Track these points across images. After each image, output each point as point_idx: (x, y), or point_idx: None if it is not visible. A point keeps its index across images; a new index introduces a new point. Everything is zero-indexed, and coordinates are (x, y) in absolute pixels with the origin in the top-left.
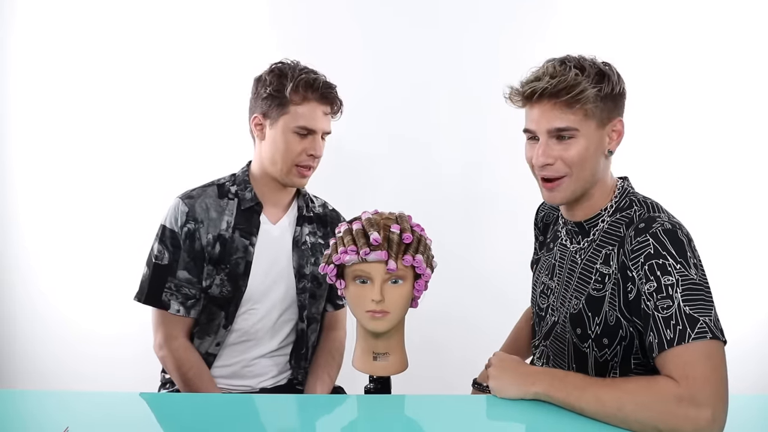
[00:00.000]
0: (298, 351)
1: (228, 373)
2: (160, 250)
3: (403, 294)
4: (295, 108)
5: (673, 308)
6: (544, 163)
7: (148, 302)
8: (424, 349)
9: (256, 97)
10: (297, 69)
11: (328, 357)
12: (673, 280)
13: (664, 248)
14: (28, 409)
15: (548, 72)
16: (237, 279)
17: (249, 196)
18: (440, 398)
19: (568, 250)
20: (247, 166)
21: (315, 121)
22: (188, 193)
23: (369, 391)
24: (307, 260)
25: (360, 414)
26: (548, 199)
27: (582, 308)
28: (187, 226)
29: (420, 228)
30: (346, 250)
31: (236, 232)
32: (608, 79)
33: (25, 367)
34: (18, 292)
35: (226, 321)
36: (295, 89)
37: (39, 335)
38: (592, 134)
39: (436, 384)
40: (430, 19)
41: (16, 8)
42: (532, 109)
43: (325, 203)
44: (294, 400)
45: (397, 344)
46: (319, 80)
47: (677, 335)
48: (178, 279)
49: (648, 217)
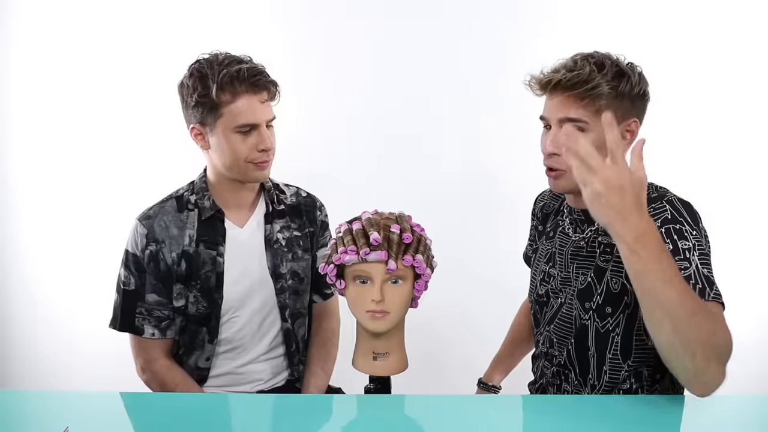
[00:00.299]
0: (289, 349)
1: (223, 382)
2: (126, 275)
3: (403, 294)
4: (228, 108)
5: (691, 269)
6: (551, 151)
7: (122, 329)
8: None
9: (185, 106)
10: (216, 64)
11: (321, 350)
12: (689, 245)
13: (680, 215)
14: (28, 409)
15: (567, 66)
16: (210, 293)
17: (208, 205)
18: (440, 398)
19: (570, 239)
20: (204, 173)
21: (254, 114)
22: (146, 213)
23: (369, 391)
24: (282, 258)
25: (360, 414)
26: (553, 187)
27: (590, 281)
28: (148, 249)
29: (420, 228)
30: (346, 250)
31: (201, 245)
32: (627, 78)
33: (26, 367)
34: (18, 292)
35: (210, 336)
36: (221, 88)
37: (39, 335)
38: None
39: (436, 384)
40: (431, 18)
41: (16, 8)
42: (548, 98)
43: (298, 190)
44: (293, 400)
45: (397, 344)
46: (243, 69)
47: (698, 293)
48: (147, 303)
49: (659, 189)
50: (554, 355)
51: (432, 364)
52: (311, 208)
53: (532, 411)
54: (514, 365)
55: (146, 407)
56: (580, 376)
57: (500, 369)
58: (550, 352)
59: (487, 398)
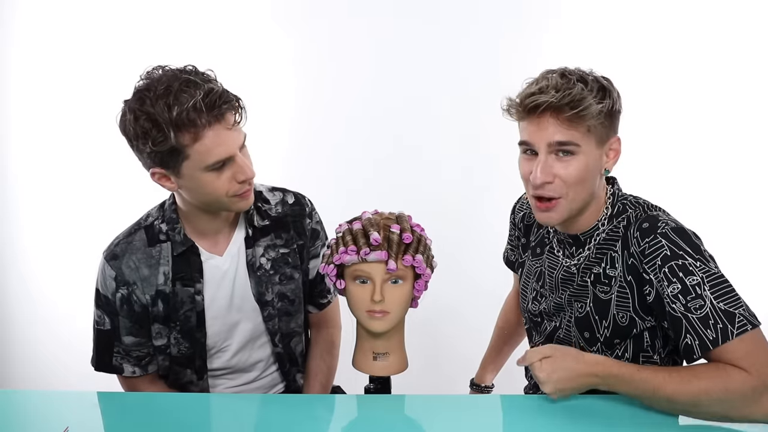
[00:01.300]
0: (283, 369)
1: None
2: (99, 315)
3: (403, 294)
4: (192, 148)
5: (706, 307)
6: (543, 181)
7: (100, 369)
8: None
9: (136, 150)
10: (164, 97)
11: (320, 363)
12: (698, 279)
13: (679, 248)
14: (28, 409)
15: (552, 85)
16: (192, 333)
17: (179, 239)
18: (440, 398)
19: (560, 263)
20: (173, 198)
21: (224, 147)
22: (112, 251)
23: (369, 391)
24: (267, 285)
25: (360, 414)
26: (542, 220)
27: (589, 312)
28: (120, 292)
29: (420, 228)
30: (346, 250)
31: (177, 284)
32: (609, 94)
33: (26, 367)
34: (18, 292)
35: (198, 374)
36: (181, 129)
37: (39, 335)
38: (591, 152)
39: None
40: (431, 20)
41: (16, 8)
42: (532, 122)
43: (284, 197)
44: (294, 400)
45: (397, 344)
46: (198, 101)
47: (720, 334)
48: (124, 344)
49: (648, 217)
50: None
51: (432, 364)
52: (299, 217)
53: (532, 411)
54: (503, 363)
55: (146, 407)
56: None
57: (490, 368)
58: None
59: (486, 398)
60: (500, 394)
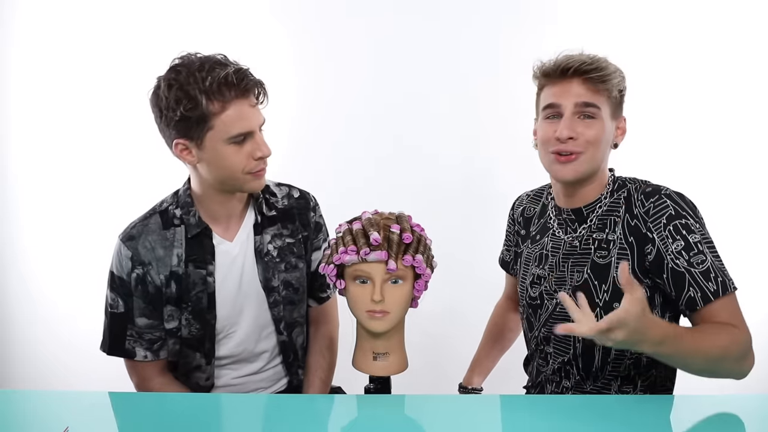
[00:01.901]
0: (287, 360)
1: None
2: (114, 298)
3: (403, 294)
4: (218, 118)
5: (707, 263)
6: (568, 136)
7: (112, 353)
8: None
9: (164, 121)
10: (198, 71)
11: (319, 359)
12: (698, 238)
13: (683, 209)
14: (28, 409)
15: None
16: (203, 314)
17: (194, 221)
18: (440, 398)
19: (562, 240)
20: (188, 184)
21: (247, 122)
22: (129, 233)
23: (369, 391)
24: (274, 271)
25: (360, 414)
26: (560, 173)
27: (587, 278)
28: (135, 272)
29: (420, 228)
30: (346, 250)
31: (190, 265)
32: (621, 76)
33: (26, 367)
34: (18, 292)
35: (207, 358)
36: (210, 98)
37: (39, 335)
38: (608, 120)
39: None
40: (430, 17)
41: (16, 8)
42: (561, 84)
43: (290, 191)
44: (294, 400)
45: (397, 344)
46: (230, 74)
47: (720, 287)
48: (138, 326)
49: (651, 185)
50: (550, 353)
51: (432, 364)
52: (304, 209)
53: (532, 410)
54: (491, 367)
55: (146, 407)
56: (583, 371)
57: (478, 371)
58: (546, 350)
59: (486, 398)
60: (500, 394)
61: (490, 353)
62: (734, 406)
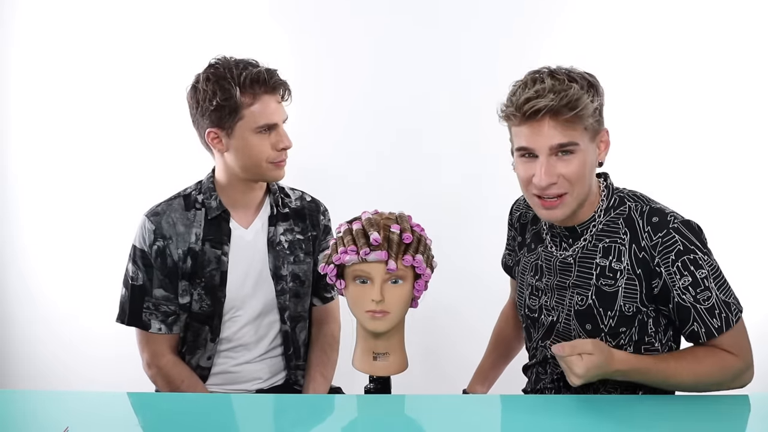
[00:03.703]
0: (287, 352)
1: (222, 380)
2: (134, 270)
3: (403, 294)
4: (248, 109)
5: (712, 299)
6: (548, 182)
7: (130, 323)
8: (424, 348)
9: (200, 110)
10: (234, 68)
11: (321, 355)
12: (705, 273)
13: (691, 243)
14: (28, 409)
15: (547, 87)
16: (214, 291)
17: (215, 205)
18: (440, 398)
19: (554, 255)
20: (212, 173)
21: (273, 115)
22: (154, 210)
23: (369, 391)
24: (284, 261)
25: (360, 414)
26: (548, 217)
27: (592, 304)
28: (156, 244)
29: (420, 228)
30: (346, 250)
31: (206, 244)
32: (597, 90)
33: (26, 367)
34: (18, 291)
35: (212, 335)
36: (243, 90)
37: (39, 335)
38: (588, 148)
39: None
40: (431, 16)
41: (16, 8)
42: (531, 127)
43: (303, 195)
44: (293, 400)
45: (397, 344)
46: (262, 72)
47: (723, 322)
48: (155, 298)
49: (655, 210)
50: (549, 363)
51: (432, 364)
52: (315, 212)
53: (532, 411)
54: (497, 376)
55: (146, 407)
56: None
57: (481, 381)
58: (546, 360)
59: (486, 398)
60: (500, 394)
61: (496, 362)
62: (734, 406)
